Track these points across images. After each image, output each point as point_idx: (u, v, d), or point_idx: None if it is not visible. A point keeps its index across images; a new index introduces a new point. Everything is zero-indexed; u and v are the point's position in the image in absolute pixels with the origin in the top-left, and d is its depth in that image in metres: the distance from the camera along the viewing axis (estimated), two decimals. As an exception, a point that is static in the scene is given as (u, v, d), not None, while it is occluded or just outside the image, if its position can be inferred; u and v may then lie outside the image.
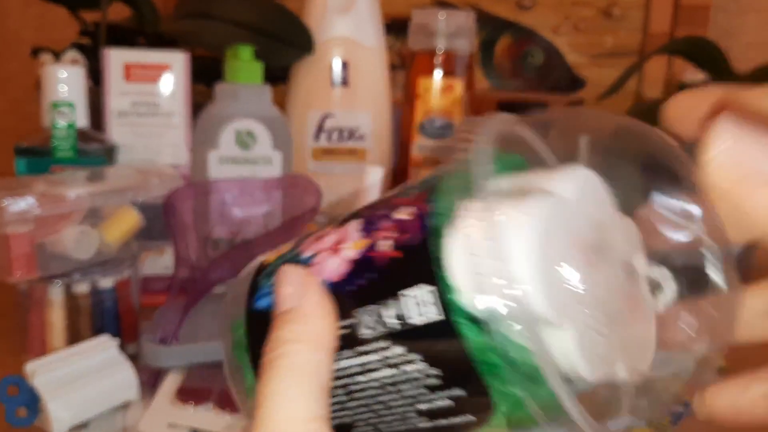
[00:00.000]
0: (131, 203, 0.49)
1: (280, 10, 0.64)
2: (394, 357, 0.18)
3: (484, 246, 0.16)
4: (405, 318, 0.18)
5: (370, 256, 0.19)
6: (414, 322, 0.18)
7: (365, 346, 0.19)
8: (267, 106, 0.59)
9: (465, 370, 0.17)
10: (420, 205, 0.19)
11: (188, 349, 0.44)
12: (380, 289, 0.19)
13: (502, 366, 0.17)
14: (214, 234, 0.56)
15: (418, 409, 0.19)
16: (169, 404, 0.40)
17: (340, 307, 0.19)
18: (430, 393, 0.18)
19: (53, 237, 0.45)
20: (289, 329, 0.19)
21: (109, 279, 0.47)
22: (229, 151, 0.58)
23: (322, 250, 0.21)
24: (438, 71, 0.63)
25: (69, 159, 0.50)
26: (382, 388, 0.19)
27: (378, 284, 0.19)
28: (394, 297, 0.18)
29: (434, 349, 0.18)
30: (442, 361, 0.18)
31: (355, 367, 0.19)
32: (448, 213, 0.18)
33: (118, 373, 0.41)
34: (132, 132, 0.56)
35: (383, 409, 0.19)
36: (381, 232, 0.19)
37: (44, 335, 0.46)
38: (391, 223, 0.19)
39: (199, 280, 0.48)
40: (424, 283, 0.18)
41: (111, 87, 0.55)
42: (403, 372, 0.18)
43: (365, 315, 0.19)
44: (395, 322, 0.18)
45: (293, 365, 0.18)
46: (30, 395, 0.38)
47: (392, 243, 0.19)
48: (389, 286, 0.18)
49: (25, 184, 0.44)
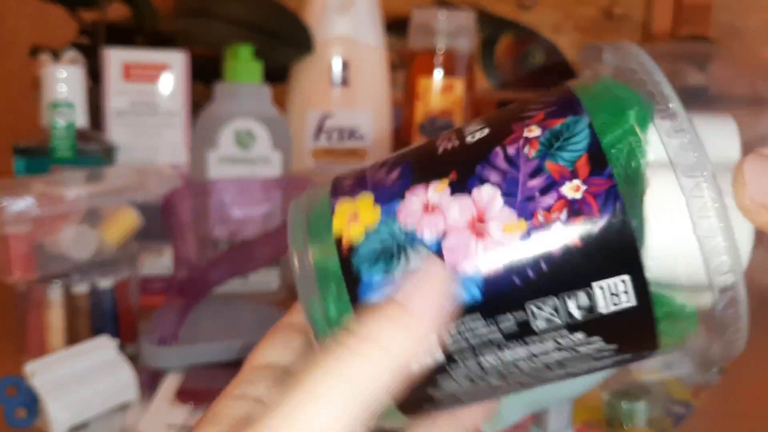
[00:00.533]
0: (130, 203, 0.48)
1: (280, 9, 0.64)
2: (569, 342, 0.17)
3: (713, 228, 0.15)
4: (593, 309, 0.16)
5: (539, 244, 0.16)
6: (603, 311, 0.16)
7: (532, 337, 0.17)
8: (266, 106, 0.59)
9: (645, 338, 0.17)
10: (594, 180, 0.16)
11: (187, 349, 0.44)
12: (555, 283, 0.16)
13: (688, 329, 0.16)
14: (213, 234, 0.56)
15: (567, 371, 0.18)
16: (168, 405, 0.40)
17: (492, 301, 0.17)
18: (594, 361, 0.17)
19: (52, 237, 0.45)
20: (378, 326, 0.16)
21: (108, 279, 0.47)
22: (228, 151, 0.58)
23: (452, 229, 0.17)
24: (438, 71, 0.63)
25: (68, 159, 0.50)
26: (531, 360, 0.17)
27: (553, 278, 0.16)
28: (575, 290, 0.16)
29: (620, 330, 0.17)
30: (624, 338, 0.17)
31: (510, 354, 0.17)
32: (636, 186, 0.16)
33: (117, 374, 0.41)
34: (131, 132, 0.56)
35: (517, 371, 0.18)
36: (543, 213, 0.16)
37: (43, 336, 0.46)
38: (554, 199, 0.16)
39: (199, 280, 0.47)
40: (616, 274, 0.16)
41: (110, 87, 0.55)
42: (575, 352, 0.17)
43: (534, 309, 0.17)
44: (578, 313, 0.16)
45: (355, 373, 0.15)
46: (29, 396, 0.38)
47: (567, 229, 0.16)
48: (569, 280, 0.16)
49: (23, 185, 0.44)
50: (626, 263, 0.16)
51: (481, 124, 0.19)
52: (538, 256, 0.16)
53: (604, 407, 0.41)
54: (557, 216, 0.16)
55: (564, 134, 0.17)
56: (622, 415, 0.39)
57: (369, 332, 0.15)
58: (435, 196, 0.17)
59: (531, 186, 0.17)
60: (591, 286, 0.16)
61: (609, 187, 0.16)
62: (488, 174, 0.17)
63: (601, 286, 0.16)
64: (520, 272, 0.16)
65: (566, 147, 0.17)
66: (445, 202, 0.17)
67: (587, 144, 0.17)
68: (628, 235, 0.16)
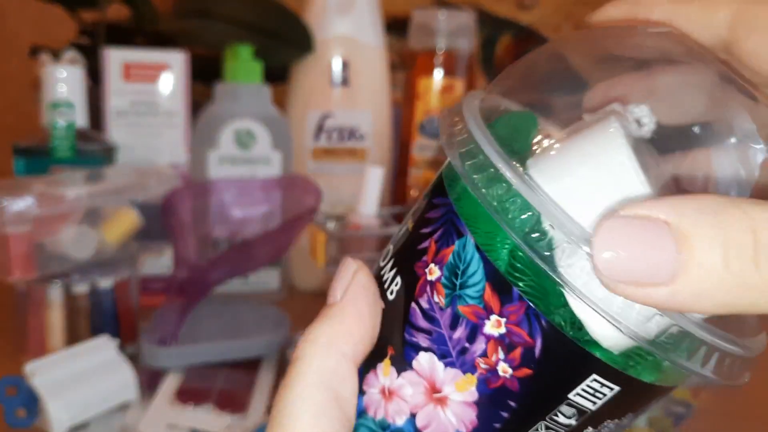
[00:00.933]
0: (130, 203, 0.48)
1: (280, 9, 0.64)
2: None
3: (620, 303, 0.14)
4: (584, 412, 0.16)
5: (496, 389, 0.16)
6: (594, 408, 0.16)
7: None
8: (266, 106, 0.59)
9: (648, 397, 0.16)
10: (503, 305, 0.16)
11: (187, 349, 0.44)
12: (534, 413, 0.16)
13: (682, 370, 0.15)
14: (213, 234, 0.56)
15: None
16: (168, 405, 0.40)
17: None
18: (622, 427, 0.17)
19: (52, 237, 0.45)
20: (318, 328, 0.17)
21: (108, 279, 0.47)
22: (228, 151, 0.58)
23: (418, 407, 0.17)
24: (438, 71, 0.63)
25: (68, 159, 0.50)
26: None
27: (528, 410, 0.16)
28: (557, 408, 0.16)
29: (624, 406, 0.16)
30: (631, 407, 0.17)
31: None
32: (549, 296, 0.15)
33: (118, 374, 0.41)
34: (131, 132, 0.56)
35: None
36: (483, 360, 0.16)
37: (43, 336, 0.46)
38: (485, 344, 0.16)
39: (199, 280, 0.47)
40: (584, 378, 0.15)
41: (110, 87, 0.55)
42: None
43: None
44: (574, 420, 0.16)
45: (305, 371, 0.16)
46: (29, 396, 0.38)
47: (508, 366, 0.16)
48: (544, 405, 0.16)
49: (23, 184, 0.44)
50: (585, 366, 0.15)
51: (390, 262, 0.18)
52: (501, 399, 0.16)
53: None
54: (496, 358, 0.16)
55: (460, 267, 0.16)
56: (622, 415, 0.39)
57: (307, 336, 0.17)
58: (386, 381, 0.17)
59: (457, 338, 0.16)
60: (569, 399, 0.16)
61: (525, 309, 0.15)
62: (417, 339, 0.17)
63: (578, 394, 0.16)
64: (496, 418, 0.16)
65: (467, 283, 0.16)
66: (396, 385, 0.17)
67: (483, 273, 0.16)
68: (570, 343, 0.15)
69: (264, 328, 0.48)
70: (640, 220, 0.13)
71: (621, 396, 0.16)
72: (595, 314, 0.14)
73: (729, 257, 0.13)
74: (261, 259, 0.51)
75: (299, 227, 0.50)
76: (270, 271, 0.60)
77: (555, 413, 0.16)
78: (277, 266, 0.60)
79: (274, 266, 0.59)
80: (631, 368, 0.15)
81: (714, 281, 0.13)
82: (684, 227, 0.13)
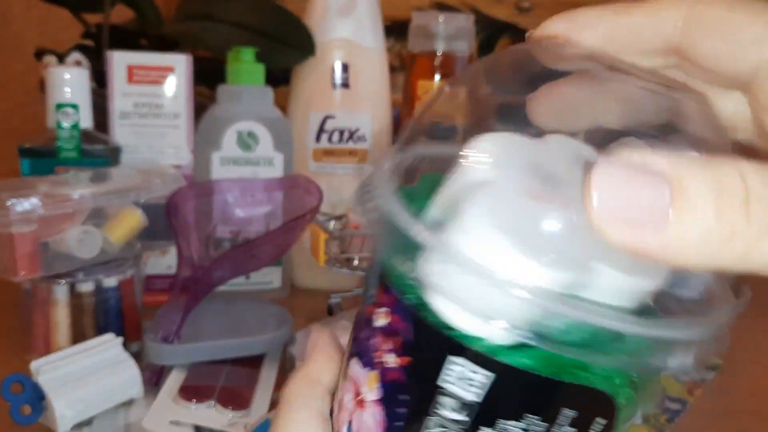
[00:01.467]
0: (134, 203, 0.49)
1: (282, 12, 0.64)
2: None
3: (470, 283, 0.14)
4: (465, 406, 0.16)
5: (389, 383, 0.17)
6: (475, 401, 0.16)
7: None
8: (269, 108, 0.59)
9: (557, 394, 0.15)
10: (386, 299, 0.17)
11: (191, 347, 0.44)
12: (421, 400, 0.16)
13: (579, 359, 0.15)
14: (216, 234, 0.57)
15: None
16: (172, 402, 0.40)
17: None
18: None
19: (57, 237, 0.45)
20: (299, 372, 0.22)
21: (113, 278, 0.48)
22: (231, 152, 0.58)
23: (351, 413, 0.18)
24: (438, 73, 0.64)
25: (73, 160, 0.50)
26: None
27: (416, 400, 0.16)
28: (437, 396, 0.16)
29: (509, 405, 0.16)
30: (526, 406, 0.16)
31: None
32: (414, 286, 0.16)
33: (122, 371, 0.41)
34: (135, 133, 0.57)
35: None
36: (378, 354, 0.17)
37: (48, 334, 0.46)
38: (378, 337, 0.17)
39: (201, 279, 0.48)
40: (454, 360, 0.16)
41: (114, 88, 0.56)
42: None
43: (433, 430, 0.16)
44: (457, 416, 0.16)
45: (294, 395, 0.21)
46: (34, 393, 0.38)
47: (394, 355, 0.17)
48: (425, 393, 0.16)
49: (29, 185, 0.45)
50: (442, 348, 0.16)
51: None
52: (396, 393, 0.17)
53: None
54: (385, 348, 0.17)
55: (368, 276, 0.19)
56: (619, 412, 0.40)
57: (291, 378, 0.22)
58: (340, 394, 0.19)
59: (364, 337, 0.18)
60: (440, 387, 0.16)
61: (398, 298, 0.17)
62: (351, 348, 0.19)
63: (446, 380, 0.16)
64: (396, 416, 0.17)
65: (369, 286, 0.18)
66: (341, 395, 0.19)
67: (377, 274, 0.18)
68: (429, 327, 0.16)
69: (266, 326, 0.48)
70: (637, 166, 0.13)
71: (502, 386, 0.15)
72: (445, 298, 0.15)
73: (720, 206, 0.13)
74: (263, 258, 0.51)
75: (301, 227, 0.51)
76: (272, 269, 0.60)
77: (436, 405, 0.16)
78: (278, 265, 0.60)
79: (276, 265, 0.60)
80: (502, 353, 0.15)
81: (704, 229, 0.13)
82: (679, 175, 0.13)
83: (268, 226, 0.57)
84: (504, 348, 0.15)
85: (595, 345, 0.14)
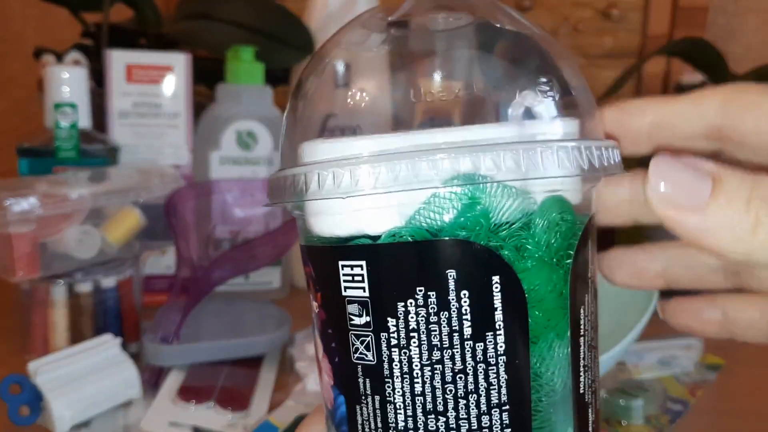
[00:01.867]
0: (133, 203, 0.49)
1: (281, 11, 0.64)
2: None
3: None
4: (362, 302, 0.17)
5: (320, 327, 0.18)
6: (364, 295, 0.16)
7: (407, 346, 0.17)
8: (268, 107, 0.59)
9: (433, 257, 0.16)
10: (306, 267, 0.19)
11: (190, 347, 0.44)
12: (338, 322, 0.17)
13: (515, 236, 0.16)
14: (215, 234, 0.57)
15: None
16: (170, 403, 0.40)
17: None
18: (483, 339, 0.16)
19: (56, 237, 0.45)
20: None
21: (112, 278, 0.47)
22: (230, 152, 0.58)
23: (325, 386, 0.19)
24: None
25: (71, 159, 0.50)
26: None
27: (335, 324, 0.17)
28: (346, 307, 0.17)
29: (403, 279, 0.16)
30: (420, 278, 0.16)
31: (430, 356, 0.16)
32: (304, 228, 0.18)
33: (120, 372, 0.41)
34: (134, 132, 0.57)
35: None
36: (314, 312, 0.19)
37: (47, 334, 0.46)
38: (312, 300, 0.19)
39: (201, 279, 0.48)
40: (343, 264, 0.17)
41: (113, 88, 0.56)
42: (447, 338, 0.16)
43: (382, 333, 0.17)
44: (362, 317, 0.17)
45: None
46: (32, 394, 0.38)
47: (315, 303, 0.18)
48: (337, 312, 0.17)
49: (27, 185, 0.44)
50: (332, 258, 0.17)
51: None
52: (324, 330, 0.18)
53: (602, 405, 0.41)
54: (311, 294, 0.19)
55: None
56: (620, 413, 0.40)
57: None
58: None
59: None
60: (345, 295, 0.17)
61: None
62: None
63: (345, 285, 0.17)
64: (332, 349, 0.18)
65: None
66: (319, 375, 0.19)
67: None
68: (315, 248, 0.18)
69: (265, 327, 0.48)
70: (688, 163, 0.17)
71: (379, 268, 0.16)
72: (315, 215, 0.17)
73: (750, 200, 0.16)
74: (262, 258, 0.51)
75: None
76: (271, 269, 0.60)
77: (348, 317, 0.17)
78: (278, 265, 0.60)
79: (276, 265, 0.60)
80: (378, 239, 0.16)
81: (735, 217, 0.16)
82: (721, 173, 0.16)
83: (268, 226, 0.56)
84: (378, 235, 0.16)
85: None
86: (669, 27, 0.94)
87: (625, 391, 0.40)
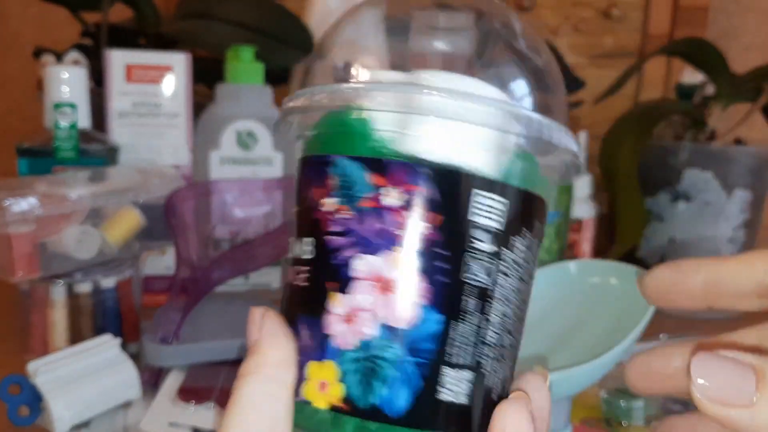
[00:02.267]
0: (133, 203, 0.49)
1: (281, 10, 0.64)
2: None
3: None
4: (491, 232, 0.19)
5: (426, 244, 0.18)
6: (497, 227, 0.19)
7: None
8: (268, 107, 0.59)
9: (534, 207, 0.20)
10: (386, 180, 0.19)
11: (189, 348, 0.44)
12: (457, 243, 0.19)
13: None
14: (215, 234, 0.56)
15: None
16: (170, 403, 0.40)
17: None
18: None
19: (55, 237, 0.45)
20: (245, 362, 0.19)
21: (111, 279, 0.47)
22: (230, 152, 0.58)
23: (377, 306, 0.19)
24: (438, 72, 0.64)
25: (71, 159, 0.50)
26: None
27: (452, 244, 0.18)
28: (470, 230, 0.19)
29: (522, 220, 0.19)
30: (526, 221, 0.20)
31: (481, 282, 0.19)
32: (412, 153, 0.20)
33: (120, 373, 0.41)
34: (133, 132, 0.57)
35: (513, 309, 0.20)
36: (397, 229, 0.19)
37: (46, 335, 0.46)
38: (393, 215, 0.19)
39: (200, 279, 0.48)
40: (478, 193, 0.19)
41: (112, 88, 0.56)
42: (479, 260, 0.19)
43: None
44: (488, 245, 0.19)
45: (245, 396, 0.18)
46: (32, 394, 0.38)
47: (423, 221, 0.19)
48: (459, 234, 0.18)
49: (27, 185, 0.44)
50: (466, 185, 0.19)
51: (293, 238, 0.21)
52: (432, 253, 0.18)
53: (603, 405, 0.41)
54: (407, 220, 0.19)
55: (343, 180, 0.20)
56: (620, 413, 0.40)
57: (239, 371, 0.19)
58: (341, 309, 0.18)
59: (371, 227, 0.18)
60: (472, 221, 0.19)
61: (404, 167, 0.19)
62: (345, 256, 0.19)
63: (476, 213, 0.19)
64: (437, 271, 0.18)
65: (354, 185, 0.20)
66: (353, 303, 0.18)
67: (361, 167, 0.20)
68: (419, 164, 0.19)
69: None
70: (728, 358, 0.17)
71: (514, 208, 0.19)
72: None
73: None
74: (262, 258, 0.51)
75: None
76: (271, 270, 0.60)
77: (471, 240, 0.18)
78: (278, 265, 0.60)
79: (276, 265, 0.60)
80: (511, 179, 0.19)
81: None
82: (763, 366, 0.17)
83: (268, 226, 0.56)
84: (509, 174, 0.19)
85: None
86: (669, 27, 0.94)
87: (625, 392, 0.40)
